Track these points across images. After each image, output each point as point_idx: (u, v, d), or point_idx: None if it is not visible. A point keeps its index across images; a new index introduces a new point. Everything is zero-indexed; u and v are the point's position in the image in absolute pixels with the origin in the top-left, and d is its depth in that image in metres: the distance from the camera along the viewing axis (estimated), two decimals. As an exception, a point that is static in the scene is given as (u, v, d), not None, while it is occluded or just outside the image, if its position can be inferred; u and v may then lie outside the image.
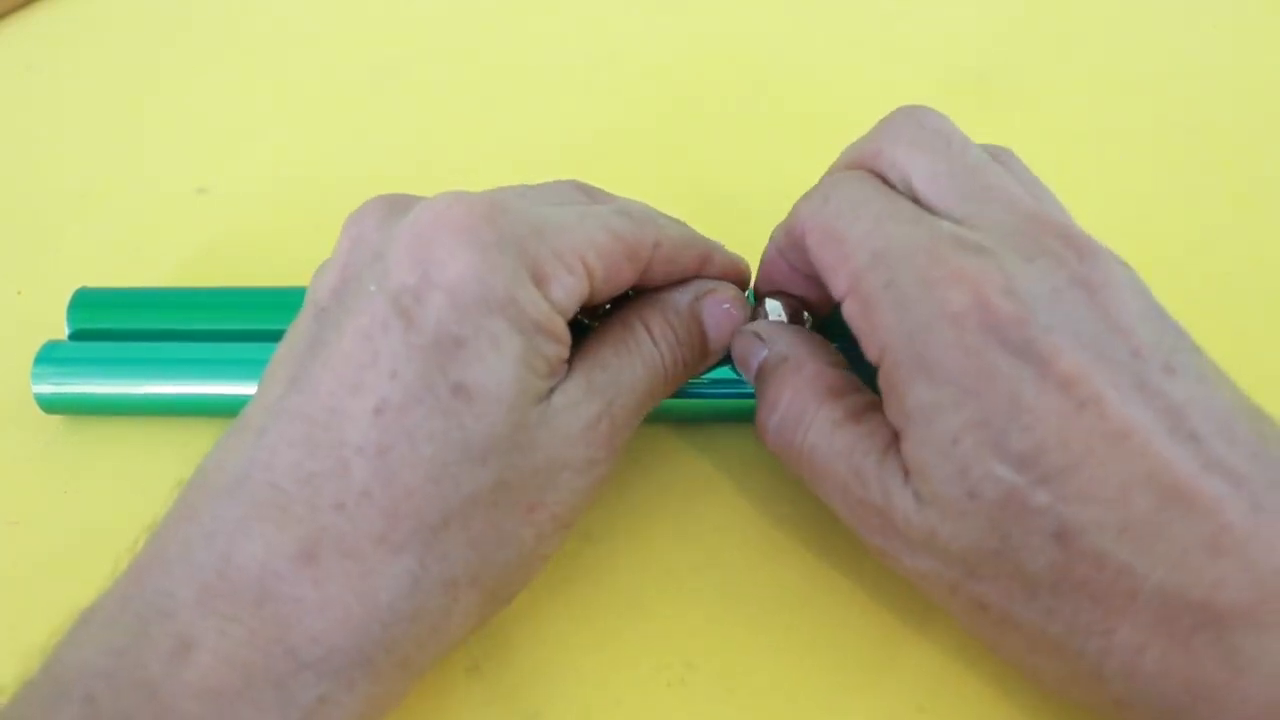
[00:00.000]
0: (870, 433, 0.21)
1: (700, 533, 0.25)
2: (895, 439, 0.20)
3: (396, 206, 0.22)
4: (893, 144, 0.22)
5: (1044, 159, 0.27)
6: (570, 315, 0.21)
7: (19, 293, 0.32)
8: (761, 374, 0.23)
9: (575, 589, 0.24)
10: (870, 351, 0.20)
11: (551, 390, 0.21)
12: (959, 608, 0.20)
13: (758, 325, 0.24)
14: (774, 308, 0.25)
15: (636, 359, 0.22)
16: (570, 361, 0.21)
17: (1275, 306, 0.30)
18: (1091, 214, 0.23)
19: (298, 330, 0.21)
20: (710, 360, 0.25)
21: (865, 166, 0.23)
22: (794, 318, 0.25)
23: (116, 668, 0.17)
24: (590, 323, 0.24)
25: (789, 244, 0.23)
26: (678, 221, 0.24)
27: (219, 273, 0.32)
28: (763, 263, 0.25)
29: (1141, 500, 0.17)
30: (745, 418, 0.27)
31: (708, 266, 0.24)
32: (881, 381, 0.20)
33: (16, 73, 0.41)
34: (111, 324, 0.29)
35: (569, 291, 0.20)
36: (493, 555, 0.20)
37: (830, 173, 0.24)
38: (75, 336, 0.29)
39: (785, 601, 0.24)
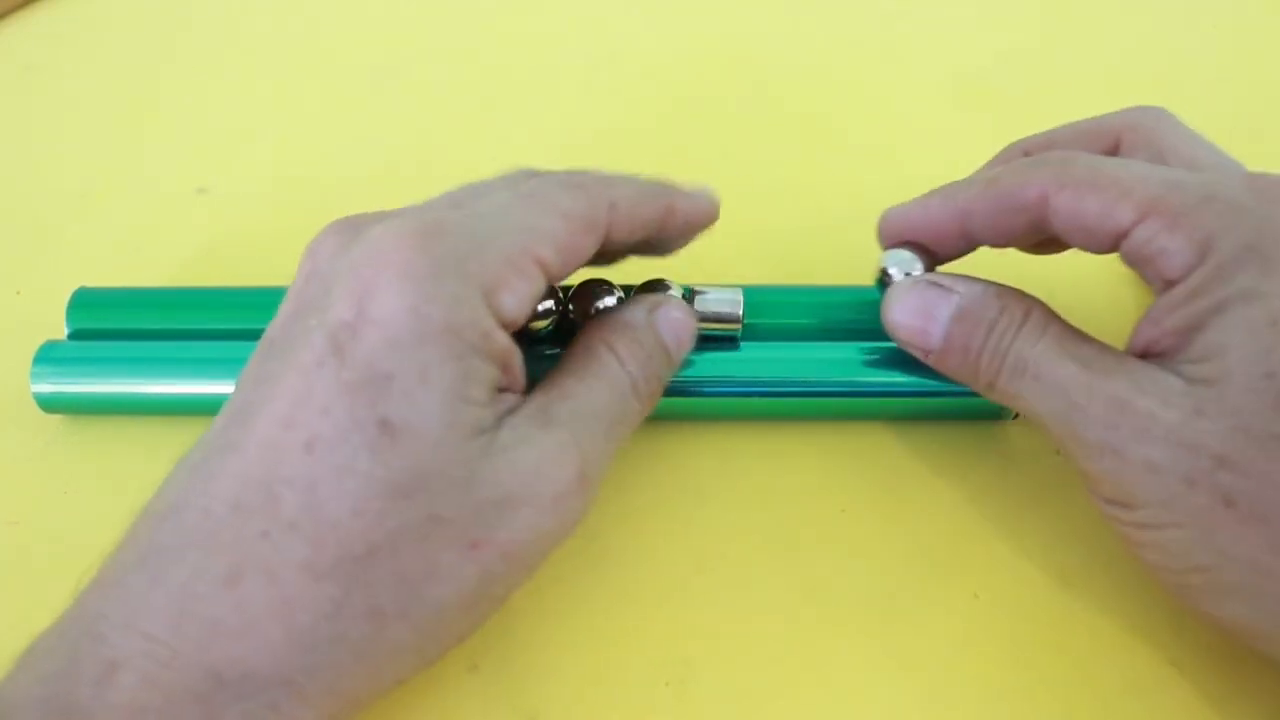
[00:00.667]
0: (1105, 344, 0.22)
1: (700, 533, 0.25)
2: (1134, 354, 0.21)
3: (349, 233, 0.22)
4: (1151, 126, 0.24)
5: (1044, 159, 0.27)
6: (527, 317, 0.21)
7: (18, 293, 0.32)
8: (962, 314, 0.23)
9: (574, 589, 0.24)
10: (1177, 263, 0.20)
11: (499, 421, 0.20)
12: (1188, 508, 0.20)
13: (933, 276, 0.24)
14: (907, 259, 0.25)
15: (602, 383, 0.22)
16: (531, 395, 0.21)
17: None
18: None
19: (249, 363, 0.22)
20: (673, 372, 0.25)
21: (1109, 137, 0.25)
22: (928, 268, 0.25)
23: (50, 694, 0.18)
24: (552, 351, 0.24)
25: (996, 207, 0.23)
26: (632, 177, 0.24)
27: (219, 273, 0.32)
28: (908, 217, 0.25)
29: None
30: (745, 417, 0.27)
31: (672, 215, 0.24)
32: (1188, 285, 0.20)
33: (16, 73, 0.41)
34: (111, 324, 0.29)
35: (522, 297, 0.20)
36: (425, 590, 0.19)
37: (1047, 142, 0.26)
38: (75, 336, 0.29)
39: (785, 602, 0.24)
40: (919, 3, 0.42)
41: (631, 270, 0.27)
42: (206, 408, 0.27)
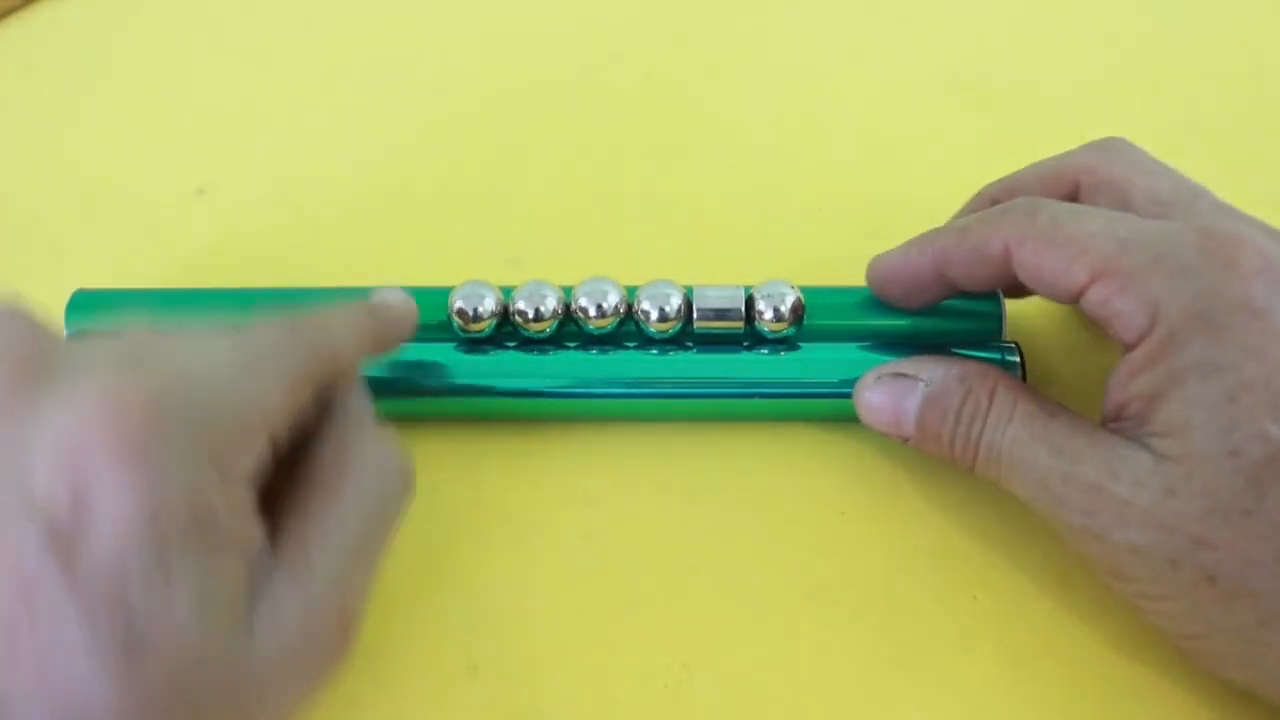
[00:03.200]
0: (1073, 419, 0.22)
1: (700, 533, 0.25)
2: (1109, 417, 0.21)
3: (28, 376, 0.18)
4: (1109, 164, 0.24)
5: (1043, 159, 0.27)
6: (258, 480, 0.19)
7: (18, 293, 0.32)
8: (929, 402, 0.24)
9: (575, 589, 0.24)
10: (1130, 326, 0.21)
11: (253, 594, 0.18)
12: (1176, 584, 0.20)
13: (898, 364, 0.25)
14: (776, 292, 0.26)
15: (349, 505, 0.20)
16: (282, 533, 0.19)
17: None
18: (1091, 214, 0.23)
19: None
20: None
21: (1068, 180, 0.25)
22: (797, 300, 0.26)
23: None
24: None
25: (967, 257, 0.24)
26: (339, 310, 0.23)
27: (218, 274, 0.32)
28: (891, 265, 0.25)
29: None
30: (745, 417, 0.27)
31: (384, 328, 0.24)
32: (1144, 351, 0.20)
33: (16, 73, 0.41)
34: (111, 325, 0.29)
35: (258, 462, 0.19)
36: None
37: (1011, 188, 0.26)
38: (74, 338, 0.28)
39: (784, 602, 0.24)
40: (917, 2, 0.42)
41: (631, 272, 0.28)
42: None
